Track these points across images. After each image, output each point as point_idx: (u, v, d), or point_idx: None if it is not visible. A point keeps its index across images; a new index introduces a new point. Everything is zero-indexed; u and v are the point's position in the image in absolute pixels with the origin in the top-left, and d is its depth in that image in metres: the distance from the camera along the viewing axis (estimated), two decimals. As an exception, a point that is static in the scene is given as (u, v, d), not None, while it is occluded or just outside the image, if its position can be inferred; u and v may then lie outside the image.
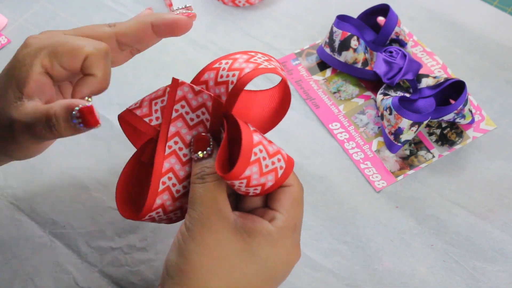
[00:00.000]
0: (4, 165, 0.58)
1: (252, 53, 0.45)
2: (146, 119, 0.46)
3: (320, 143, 0.61)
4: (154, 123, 0.46)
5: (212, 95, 0.44)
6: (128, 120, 0.46)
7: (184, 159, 0.45)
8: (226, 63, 0.44)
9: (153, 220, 0.46)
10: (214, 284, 0.41)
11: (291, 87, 0.64)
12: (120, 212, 0.45)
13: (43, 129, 0.41)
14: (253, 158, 0.41)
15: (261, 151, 0.41)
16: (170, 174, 0.44)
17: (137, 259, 0.54)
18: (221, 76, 0.44)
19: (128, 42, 0.46)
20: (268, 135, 0.61)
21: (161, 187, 0.44)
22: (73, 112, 0.39)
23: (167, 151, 0.45)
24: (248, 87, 0.46)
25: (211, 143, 0.44)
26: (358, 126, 0.61)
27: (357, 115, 0.62)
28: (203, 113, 0.45)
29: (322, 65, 0.66)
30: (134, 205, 0.46)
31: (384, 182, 0.58)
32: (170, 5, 0.69)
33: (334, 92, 0.64)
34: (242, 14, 0.70)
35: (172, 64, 0.66)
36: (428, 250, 0.55)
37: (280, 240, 0.43)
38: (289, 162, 0.44)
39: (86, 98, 0.42)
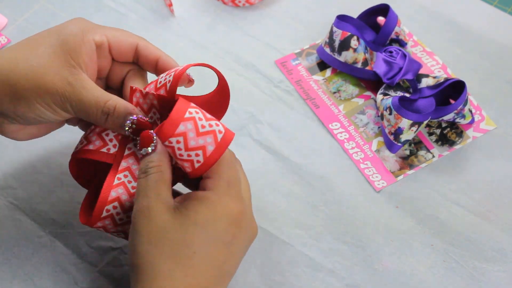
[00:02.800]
0: (4, 165, 0.58)
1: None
2: (104, 149, 0.48)
3: (320, 143, 0.61)
4: (113, 151, 0.48)
5: (155, 93, 0.47)
6: (84, 156, 0.48)
7: (132, 191, 0.47)
8: (167, 74, 0.47)
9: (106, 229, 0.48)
10: (165, 267, 0.42)
11: (291, 87, 0.64)
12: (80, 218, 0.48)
13: (96, 113, 0.45)
14: (187, 115, 0.42)
15: (197, 112, 0.43)
16: (116, 203, 0.46)
17: (137, 259, 0.54)
18: (160, 82, 0.47)
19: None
20: (268, 135, 0.61)
21: (104, 213, 0.46)
22: (128, 121, 0.45)
23: (116, 182, 0.46)
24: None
25: (154, 138, 0.45)
26: (358, 126, 0.61)
27: (357, 115, 0.62)
28: (154, 113, 0.47)
29: (322, 65, 0.66)
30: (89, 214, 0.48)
31: (384, 182, 0.58)
32: (170, 5, 0.69)
33: (334, 92, 0.64)
34: (242, 14, 0.70)
35: (172, 64, 0.66)
36: (428, 250, 0.55)
37: (218, 200, 0.43)
38: (228, 131, 0.45)
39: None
